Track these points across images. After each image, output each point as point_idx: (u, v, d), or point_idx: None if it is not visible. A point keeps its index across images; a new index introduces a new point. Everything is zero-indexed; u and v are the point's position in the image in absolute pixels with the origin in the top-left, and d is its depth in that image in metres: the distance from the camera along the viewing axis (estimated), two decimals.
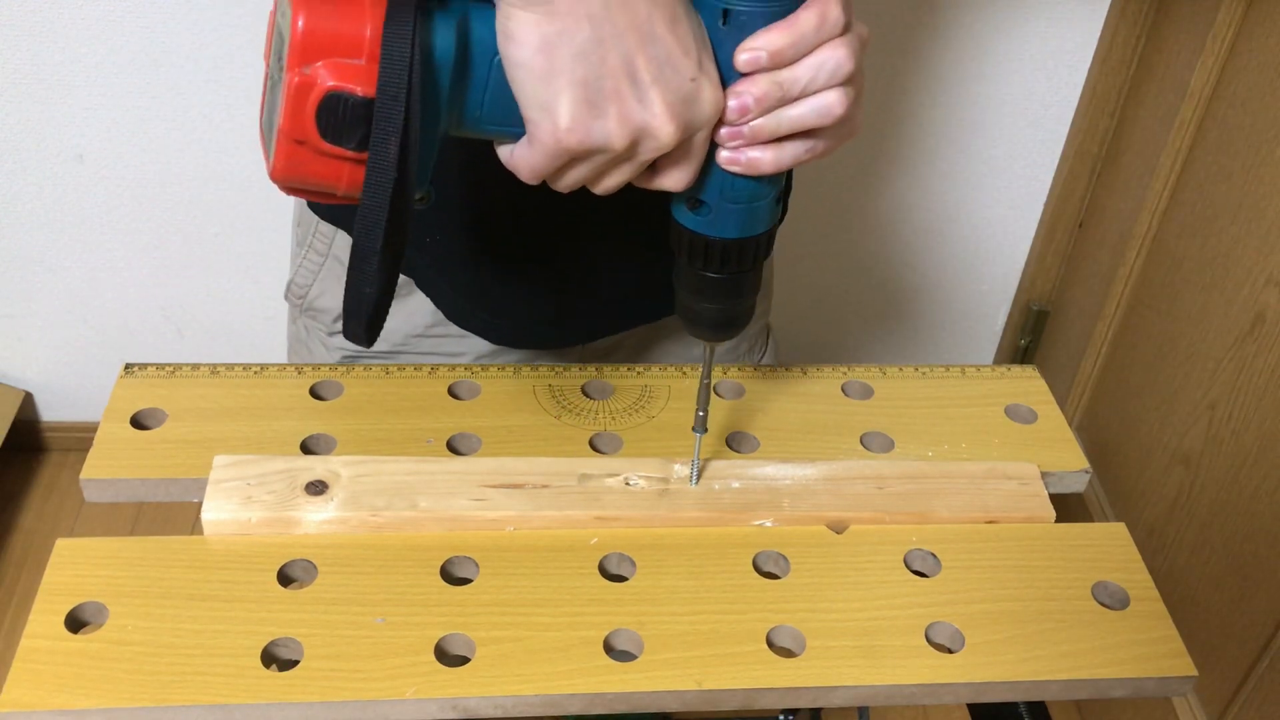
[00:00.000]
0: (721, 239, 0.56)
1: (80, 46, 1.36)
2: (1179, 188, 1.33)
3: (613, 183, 0.53)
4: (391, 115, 0.47)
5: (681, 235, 0.57)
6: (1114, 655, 0.60)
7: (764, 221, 0.57)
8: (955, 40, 1.43)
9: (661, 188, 0.54)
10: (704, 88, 0.50)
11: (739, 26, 0.50)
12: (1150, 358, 1.38)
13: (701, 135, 0.52)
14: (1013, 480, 0.70)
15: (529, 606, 0.60)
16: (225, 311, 1.63)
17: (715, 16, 0.50)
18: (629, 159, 0.51)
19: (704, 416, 0.66)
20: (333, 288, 0.82)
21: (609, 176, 0.53)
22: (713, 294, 0.59)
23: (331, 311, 0.83)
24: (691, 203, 0.56)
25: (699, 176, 0.54)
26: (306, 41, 0.47)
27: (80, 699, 0.54)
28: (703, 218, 0.56)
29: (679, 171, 0.53)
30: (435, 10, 0.49)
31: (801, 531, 0.66)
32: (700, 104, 0.50)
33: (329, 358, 0.85)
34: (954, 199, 1.60)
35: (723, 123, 0.52)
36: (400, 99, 0.47)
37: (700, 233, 0.57)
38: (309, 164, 0.50)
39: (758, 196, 0.55)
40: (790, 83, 0.51)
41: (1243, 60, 1.21)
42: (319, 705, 0.55)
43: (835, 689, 0.58)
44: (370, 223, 0.50)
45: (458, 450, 0.71)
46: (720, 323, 0.60)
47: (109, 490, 0.67)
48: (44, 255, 1.56)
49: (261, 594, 0.60)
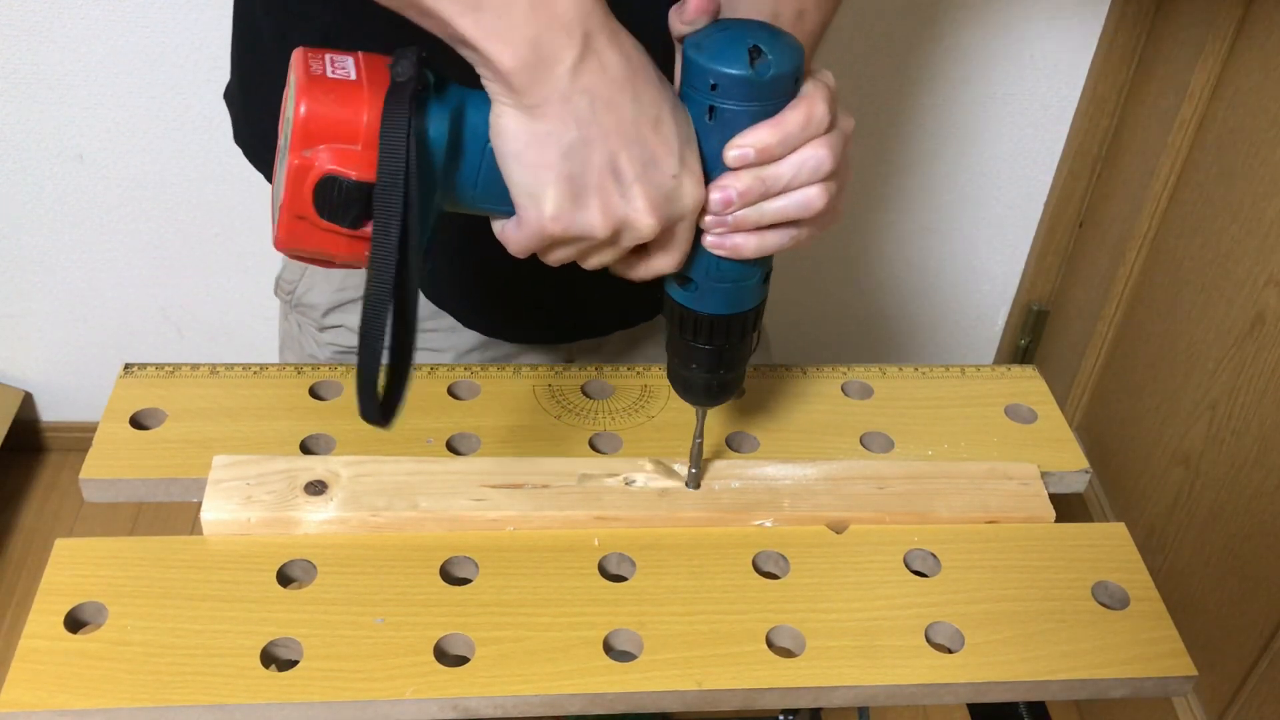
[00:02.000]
0: (709, 314, 0.59)
1: (80, 46, 1.36)
2: (1179, 188, 1.33)
3: (597, 262, 0.56)
4: (391, 200, 0.49)
5: (673, 308, 0.60)
6: (1114, 655, 0.60)
7: (750, 299, 0.60)
8: (955, 40, 1.43)
9: (652, 272, 0.57)
10: (685, 183, 0.52)
11: (724, 122, 0.53)
12: (1150, 358, 1.38)
13: (685, 224, 0.54)
14: (1013, 480, 0.70)
15: (529, 606, 0.60)
16: (225, 311, 1.63)
17: (702, 112, 0.53)
18: (612, 245, 0.54)
19: (696, 474, 0.68)
20: (320, 283, 0.83)
21: (594, 258, 0.55)
22: (702, 363, 0.61)
23: (320, 306, 0.83)
24: (681, 280, 0.58)
25: (688, 256, 0.56)
26: (307, 126, 0.50)
27: (80, 699, 0.54)
28: (691, 294, 0.59)
29: (666, 257, 0.56)
30: (431, 99, 0.51)
31: (801, 531, 0.66)
32: (681, 198, 0.53)
33: (320, 354, 0.85)
34: (954, 199, 1.59)
35: (707, 211, 0.54)
36: (399, 185, 0.49)
37: (689, 308, 0.59)
38: (308, 236, 0.53)
39: (744, 277, 0.58)
40: (773, 179, 0.53)
41: (1243, 60, 1.21)
42: (318, 705, 0.55)
43: (835, 689, 0.58)
44: (376, 305, 0.51)
45: (458, 450, 0.71)
46: (710, 389, 0.63)
47: (109, 490, 0.67)
48: (44, 255, 1.55)
49: (261, 594, 0.60)
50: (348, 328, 0.83)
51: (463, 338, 0.82)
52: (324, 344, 0.85)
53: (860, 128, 1.25)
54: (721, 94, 0.52)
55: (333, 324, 0.84)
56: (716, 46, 0.52)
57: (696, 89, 0.52)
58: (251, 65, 0.77)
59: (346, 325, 0.83)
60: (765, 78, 0.51)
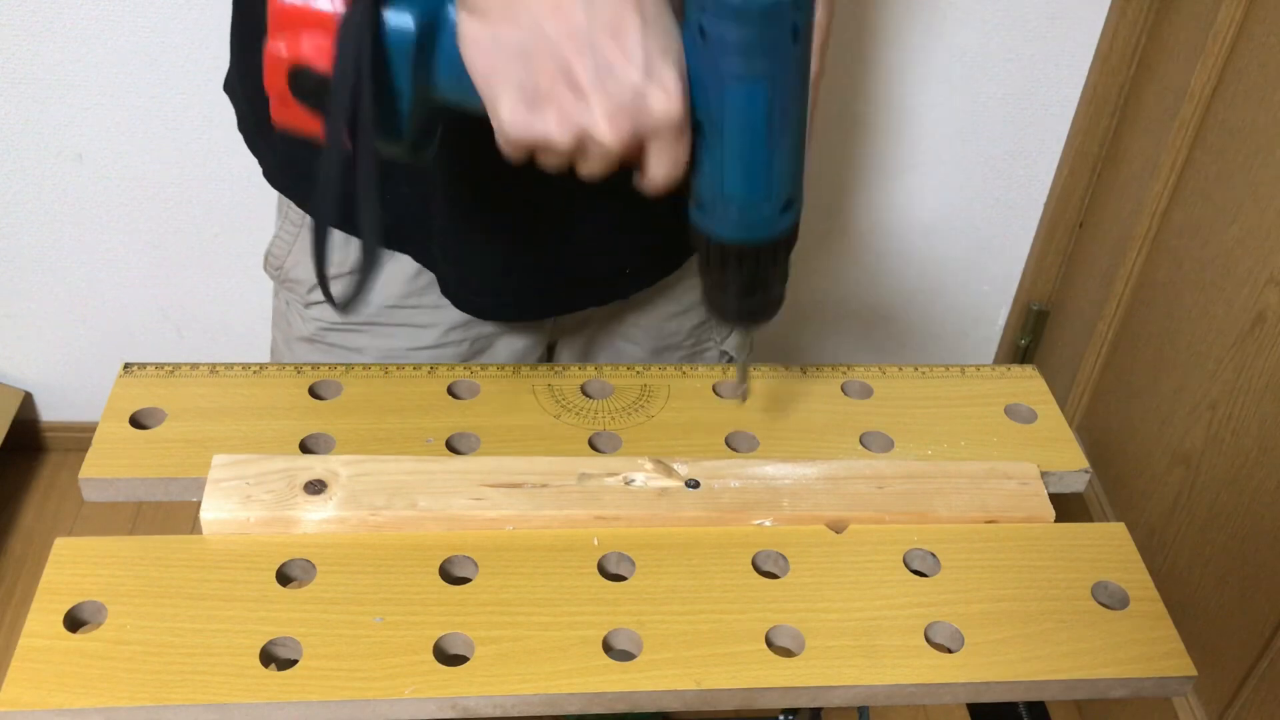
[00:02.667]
0: (720, 239, 0.58)
1: (80, 46, 1.36)
2: (1179, 188, 1.33)
3: (586, 173, 0.55)
4: (340, 97, 0.52)
5: (690, 230, 0.59)
6: (1114, 655, 0.60)
7: (765, 228, 0.57)
8: (955, 40, 1.43)
9: (649, 188, 0.56)
10: (652, 95, 0.51)
11: (714, 45, 0.51)
12: (1150, 358, 1.38)
13: (661, 139, 0.53)
14: (1012, 480, 0.70)
15: (528, 606, 0.60)
16: (225, 311, 1.63)
17: (695, 31, 0.52)
18: (585, 155, 0.54)
19: (744, 388, 0.73)
20: (305, 259, 0.83)
21: (582, 166, 0.55)
22: (723, 287, 0.60)
23: (305, 282, 0.84)
24: (694, 199, 0.58)
25: (682, 173, 0.55)
26: (280, 17, 0.53)
27: (79, 698, 0.54)
28: (701, 215, 0.58)
29: (653, 172, 0.55)
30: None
31: (801, 531, 0.66)
32: (647, 111, 0.51)
33: (305, 329, 0.86)
34: (954, 199, 1.59)
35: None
36: (349, 74, 0.51)
37: (699, 230, 0.58)
38: (294, 118, 0.56)
39: (751, 199, 0.56)
40: None
41: (1243, 60, 1.21)
42: (318, 704, 0.55)
43: (835, 689, 0.58)
44: (324, 195, 0.54)
45: (457, 450, 0.71)
46: (740, 312, 0.62)
47: (108, 490, 0.67)
48: (44, 255, 1.55)
49: (260, 593, 0.60)
50: (331, 306, 0.84)
51: (449, 314, 0.83)
52: (309, 319, 0.86)
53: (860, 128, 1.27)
54: (711, 15, 0.50)
55: (318, 299, 0.84)
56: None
57: (691, 5, 0.51)
58: (251, 54, 0.77)
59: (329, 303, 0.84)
60: (755, 7, 0.50)
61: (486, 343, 0.85)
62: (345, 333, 0.84)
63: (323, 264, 0.62)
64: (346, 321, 0.83)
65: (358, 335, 0.84)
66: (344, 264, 0.80)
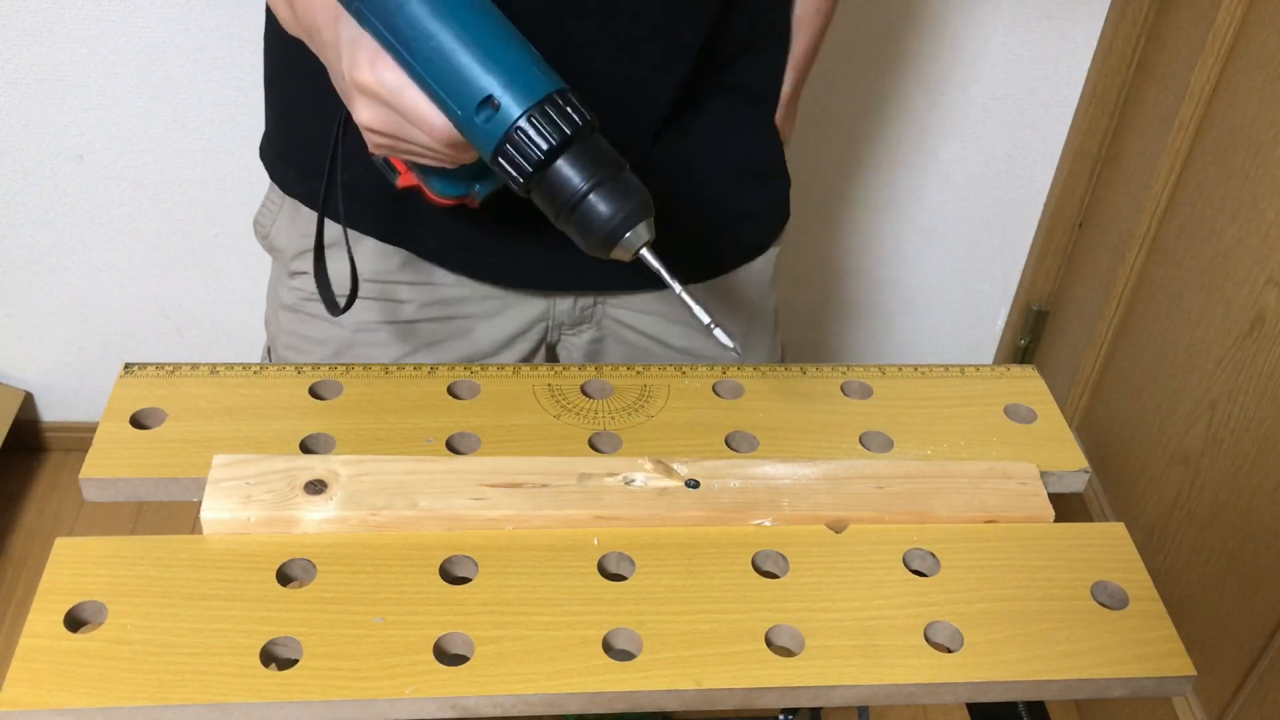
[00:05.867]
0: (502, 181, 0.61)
1: (80, 46, 1.36)
2: (1179, 188, 1.33)
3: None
4: None
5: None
6: (1113, 655, 0.60)
7: (490, 133, 0.58)
8: (955, 40, 1.43)
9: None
10: (355, 68, 0.59)
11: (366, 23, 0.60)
12: (1150, 358, 1.38)
13: (373, 98, 0.60)
14: (1012, 480, 0.70)
15: (528, 606, 0.60)
16: (225, 311, 1.63)
17: (355, 12, 0.60)
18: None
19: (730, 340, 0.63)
20: (286, 228, 0.85)
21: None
22: (563, 219, 0.60)
23: (287, 251, 0.86)
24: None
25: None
26: None
27: (80, 698, 0.54)
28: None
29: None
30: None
31: (801, 531, 0.66)
32: (356, 83, 0.60)
33: (288, 298, 0.87)
34: (954, 199, 1.59)
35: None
36: None
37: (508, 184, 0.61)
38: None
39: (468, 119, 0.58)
40: None
41: (1243, 60, 1.21)
42: (318, 704, 0.55)
43: (834, 688, 0.58)
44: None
45: (457, 449, 0.71)
46: (603, 231, 0.60)
47: (109, 490, 0.67)
48: (44, 255, 1.56)
49: (261, 593, 0.60)
50: (312, 276, 0.84)
51: (425, 291, 0.83)
52: (291, 289, 0.87)
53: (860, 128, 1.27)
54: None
55: (299, 269, 0.86)
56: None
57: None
58: (272, 25, 0.80)
59: (311, 274, 0.84)
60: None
61: (465, 325, 0.85)
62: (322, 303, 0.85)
63: (322, 264, 0.68)
64: (317, 294, 0.84)
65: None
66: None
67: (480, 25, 0.57)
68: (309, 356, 0.87)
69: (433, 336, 0.85)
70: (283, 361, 0.90)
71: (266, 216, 0.87)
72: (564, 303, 0.86)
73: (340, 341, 0.86)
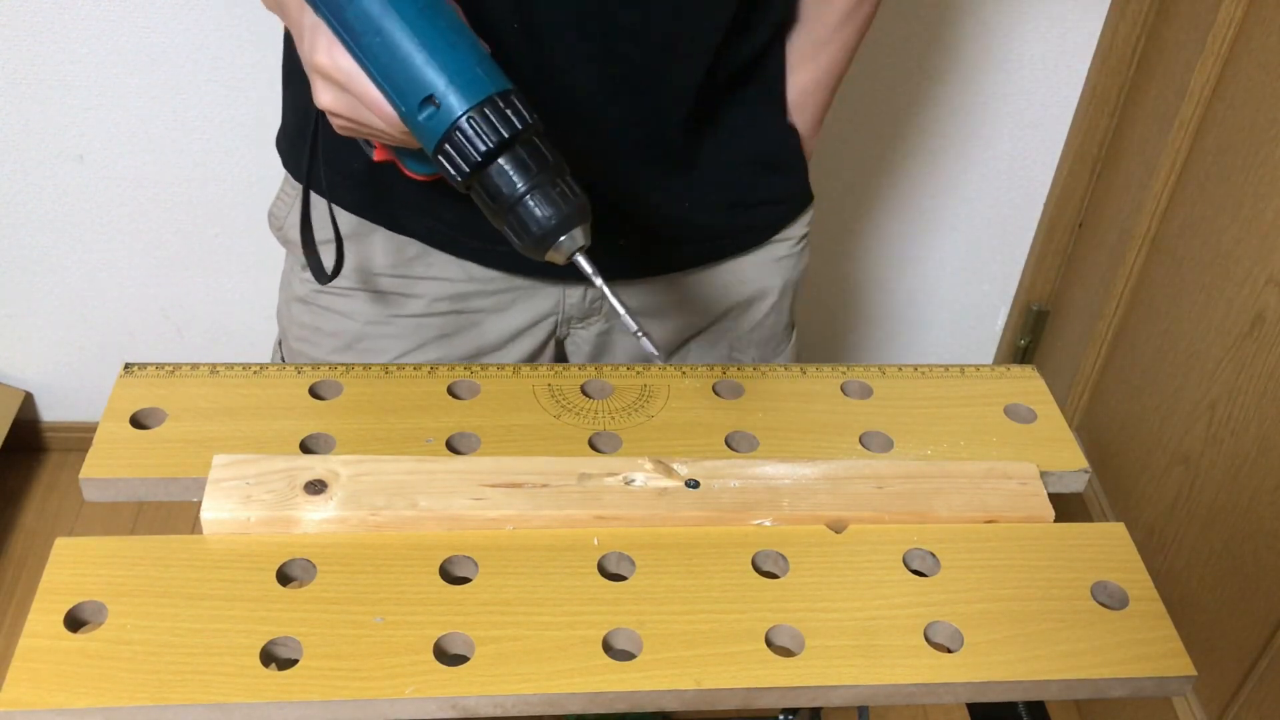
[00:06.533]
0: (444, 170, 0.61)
1: (80, 46, 1.36)
2: (1179, 188, 1.33)
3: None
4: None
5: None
6: (1113, 655, 0.60)
7: (433, 128, 0.59)
8: (955, 40, 1.43)
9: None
10: (313, 50, 0.61)
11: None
12: (1150, 358, 1.38)
13: (329, 81, 0.62)
14: (1012, 480, 0.70)
15: (528, 606, 0.60)
16: (225, 311, 1.63)
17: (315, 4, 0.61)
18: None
19: (653, 345, 0.65)
20: (299, 221, 0.84)
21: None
22: (500, 216, 0.62)
23: (300, 243, 0.85)
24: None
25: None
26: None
27: (79, 698, 0.54)
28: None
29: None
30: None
31: (801, 531, 0.66)
32: (316, 66, 0.61)
33: (300, 290, 0.88)
34: (954, 199, 1.59)
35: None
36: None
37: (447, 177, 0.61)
38: None
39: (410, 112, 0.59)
40: None
41: (1243, 60, 1.21)
42: (318, 704, 0.55)
43: (834, 688, 0.58)
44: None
45: (457, 450, 0.71)
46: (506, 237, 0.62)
47: (109, 490, 0.67)
48: (44, 255, 1.55)
49: (261, 593, 0.60)
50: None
51: (435, 286, 0.83)
52: (303, 281, 0.87)
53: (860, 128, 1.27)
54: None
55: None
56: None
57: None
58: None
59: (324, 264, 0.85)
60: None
61: (474, 319, 0.85)
62: (335, 296, 0.86)
63: (309, 232, 0.73)
64: (330, 286, 0.85)
65: (345, 300, 0.85)
66: (332, 228, 0.82)
67: (428, 23, 0.58)
68: (319, 348, 0.88)
69: (442, 330, 0.85)
70: (294, 353, 0.90)
71: (281, 208, 0.88)
72: (575, 293, 0.86)
73: (351, 334, 0.86)
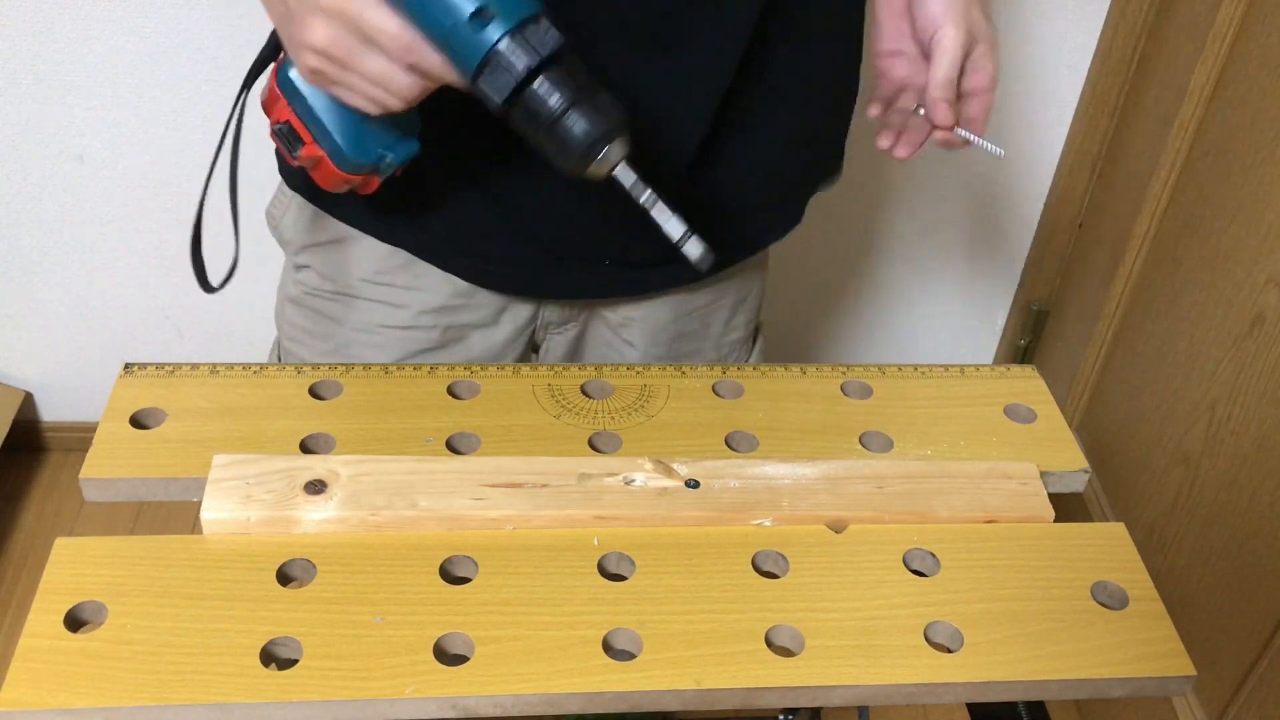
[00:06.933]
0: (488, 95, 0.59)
1: (80, 46, 1.36)
2: (1179, 188, 1.33)
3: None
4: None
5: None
6: (1113, 655, 0.60)
7: (474, 49, 0.57)
8: None
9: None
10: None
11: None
12: (1150, 358, 1.38)
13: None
14: (1012, 480, 0.70)
15: (528, 606, 0.60)
16: (225, 311, 1.63)
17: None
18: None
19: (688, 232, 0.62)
20: (294, 220, 0.86)
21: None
22: (545, 145, 0.60)
23: (294, 243, 0.87)
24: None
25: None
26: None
27: (79, 698, 0.54)
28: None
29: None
30: None
31: (801, 531, 0.66)
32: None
33: (293, 291, 0.88)
34: (954, 199, 1.59)
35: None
36: None
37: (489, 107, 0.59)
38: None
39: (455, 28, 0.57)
40: None
41: (1243, 60, 1.21)
42: (318, 704, 0.55)
43: (834, 688, 0.58)
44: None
45: (457, 450, 0.71)
46: (579, 145, 0.59)
47: (109, 490, 0.67)
48: (44, 255, 1.55)
49: (261, 593, 0.60)
50: (315, 270, 0.85)
51: (422, 296, 0.83)
52: (296, 281, 0.88)
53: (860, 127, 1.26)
54: None
55: (303, 263, 0.86)
56: None
57: None
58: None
59: (314, 268, 0.85)
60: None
61: (460, 333, 0.85)
62: (324, 300, 0.86)
63: (198, 244, 0.78)
64: (320, 290, 0.86)
65: (334, 304, 0.85)
66: (323, 233, 0.83)
67: None
68: (310, 350, 0.88)
69: (427, 345, 0.85)
70: (288, 354, 0.90)
71: (278, 209, 0.88)
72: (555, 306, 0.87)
73: (338, 340, 0.86)
